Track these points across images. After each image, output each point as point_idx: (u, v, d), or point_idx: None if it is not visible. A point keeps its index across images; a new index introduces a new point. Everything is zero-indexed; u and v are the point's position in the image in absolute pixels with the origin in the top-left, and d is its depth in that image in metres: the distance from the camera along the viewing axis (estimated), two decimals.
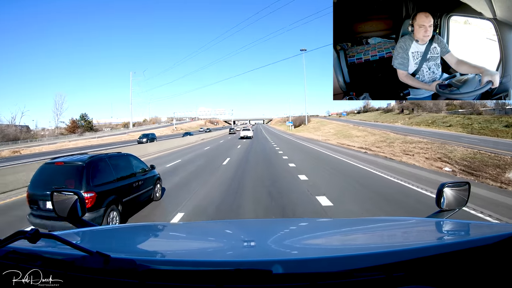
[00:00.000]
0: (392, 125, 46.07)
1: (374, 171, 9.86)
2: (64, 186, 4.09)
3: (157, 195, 6.32)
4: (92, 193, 4.12)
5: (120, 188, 4.78)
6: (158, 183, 6.37)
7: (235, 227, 1.70)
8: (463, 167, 13.35)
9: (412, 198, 6.30)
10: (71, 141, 50.08)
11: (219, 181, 8.54)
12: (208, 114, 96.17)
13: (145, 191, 5.72)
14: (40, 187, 4.24)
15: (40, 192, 4.19)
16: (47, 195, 4.00)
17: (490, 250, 0.77)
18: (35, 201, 4.20)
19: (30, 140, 54.32)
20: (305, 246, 1.14)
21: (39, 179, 4.34)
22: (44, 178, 4.34)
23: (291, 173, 9.55)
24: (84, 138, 56.28)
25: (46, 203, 4.07)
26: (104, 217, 4.23)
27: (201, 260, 0.93)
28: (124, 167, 5.21)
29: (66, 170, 4.38)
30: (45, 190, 4.09)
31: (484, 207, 5.29)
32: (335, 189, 7.26)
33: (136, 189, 5.33)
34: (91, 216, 4.03)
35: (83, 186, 4.09)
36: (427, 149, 19.64)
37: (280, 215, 5.12)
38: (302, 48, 67.54)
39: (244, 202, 6.09)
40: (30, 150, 35.46)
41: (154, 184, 6.16)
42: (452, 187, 1.43)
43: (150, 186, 5.99)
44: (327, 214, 5.20)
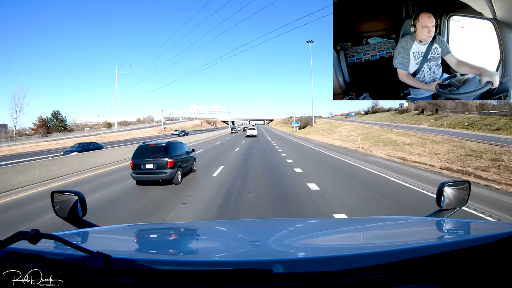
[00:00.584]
0: (420, 126, 36.10)
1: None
2: (151, 157, 7.69)
3: (195, 168, 10.13)
4: (171, 159, 7.73)
5: (180, 159, 8.37)
6: (195, 161, 10.23)
7: (236, 227, 1.70)
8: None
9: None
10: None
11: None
12: (201, 112, 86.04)
13: (189, 164, 9.46)
14: (138, 158, 7.79)
15: (138, 160, 7.74)
16: (142, 162, 7.68)
17: (491, 249, 0.77)
18: (136, 164, 7.73)
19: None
20: (305, 246, 1.14)
21: (137, 153, 7.89)
22: (140, 153, 7.90)
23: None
24: (33, 142, 41.30)
25: (141, 166, 7.68)
26: (176, 173, 7.80)
27: (201, 260, 0.92)
28: (180, 148, 8.89)
29: (155, 148, 8.01)
30: (141, 159, 7.72)
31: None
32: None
33: (186, 161, 8.99)
34: (172, 171, 7.63)
35: (168, 156, 7.71)
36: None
37: None
38: (309, 40, 60.05)
39: None
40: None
41: (193, 161, 10.01)
42: (453, 186, 1.43)
43: (192, 162, 9.82)
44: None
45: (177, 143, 8.93)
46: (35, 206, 6.15)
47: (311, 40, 59.47)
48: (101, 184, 8.42)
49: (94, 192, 7.18)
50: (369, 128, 38.57)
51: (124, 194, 6.98)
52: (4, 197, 7.10)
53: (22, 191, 7.83)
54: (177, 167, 7.86)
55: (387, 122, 48.02)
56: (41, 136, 51.04)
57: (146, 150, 7.89)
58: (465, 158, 14.22)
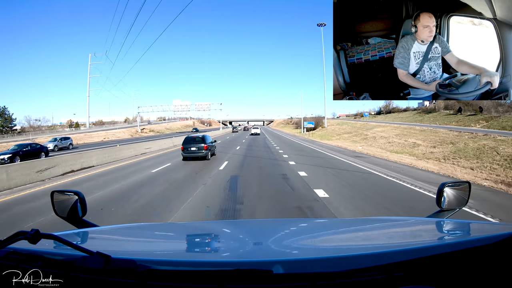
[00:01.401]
0: (474, 128, 24.37)
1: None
2: (194, 143, 13.54)
3: (215, 152, 15.47)
4: (206, 145, 13.51)
5: (209, 146, 13.94)
6: (215, 148, 15.85)
7: (236, 227, 1.70)
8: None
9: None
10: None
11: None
12: (186, 109, 66.43)
13: (214, 149, 15.16)
14: (186, 143, 13.65)
15: (186, 145, 13.56)
16: (188, 146, 13.50)
17: (491, 250, 0.77)
18: (185, 148, 13.50)
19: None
20: (305, 246, 1.14)
21: (185, 141, 13.83)
22: (187, 140, 13.85)
23: None
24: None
25: (188, 148, 13.45)
26: (208, 153, 13.50)
27: (201, 260, 0.92)
28: (209, 139, 14.42)
29: (196, 138, 13.94)
30: (187, 144, 13.59)
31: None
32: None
33: (212, 147, 14.79)
34: (206, 152, 13.42)
35: (204, 143, 13.52)
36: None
37: None
38: (320, 23, 48.20)
39: None
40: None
41: (215, 148, 15.59)
42: (453, 186, 1.42)
43: (214, 148, 15.37)
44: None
45: (207, 136, 14.58)
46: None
47: (322, 23, 47.96)
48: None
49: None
50: (427, 132, 24.30)
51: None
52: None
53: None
54: (208, 150, 13.64)
55: (412, 123, 36.85)
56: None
57: (191, 139, 13.92)
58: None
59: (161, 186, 7.87)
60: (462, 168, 11.70)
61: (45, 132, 52.01)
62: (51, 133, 49.71)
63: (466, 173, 10.52)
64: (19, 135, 46.76)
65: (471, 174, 10.34)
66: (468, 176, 9.76)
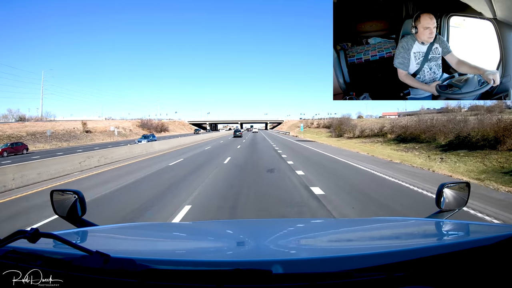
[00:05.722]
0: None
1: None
2: (237, 131, 51.25)
3: (242, 136, 49.03)
4: (241, 132, 53.04)
5: (241, 132, 53.56)
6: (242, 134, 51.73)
7: (235, 227, 1.70)
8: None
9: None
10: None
11: None
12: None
13: (243, 134, 52.75)
14: (235, 132, 50.44)
15: (235, 133, 48.75)
16: (235, 134, 47.69)
17: (490, 250, 0.77)
18: (234, 134, 48.28)
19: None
20: (305, 246, 1.14)
21: (234, 132, 50.81)
22: (235, 131, 51.53)
23: None
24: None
25: (235, 133, 48.69)
26: (242, 135, 49.52)
27: (201, 260, 0.92)
28: (239, 130, 57.07)
29: (236, 130, 53.96)
30: (235, 132, 49.96)
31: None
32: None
33: (242, 134, 53.62)
34: (240, 133, 49.70)
35: (240, 131, 53.29)
36: None
37: None
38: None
39: None
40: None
41: (242, 134, 51.75)
42: (452, 187, 1.42)
43: (243, 134, 49.80)
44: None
45: (238, 128, 45.24)
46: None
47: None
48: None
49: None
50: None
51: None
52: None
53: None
54: (240, 133, 47.33)
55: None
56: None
57: (236, 130, 49.80)
58: None
59: None
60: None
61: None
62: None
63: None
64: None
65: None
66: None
